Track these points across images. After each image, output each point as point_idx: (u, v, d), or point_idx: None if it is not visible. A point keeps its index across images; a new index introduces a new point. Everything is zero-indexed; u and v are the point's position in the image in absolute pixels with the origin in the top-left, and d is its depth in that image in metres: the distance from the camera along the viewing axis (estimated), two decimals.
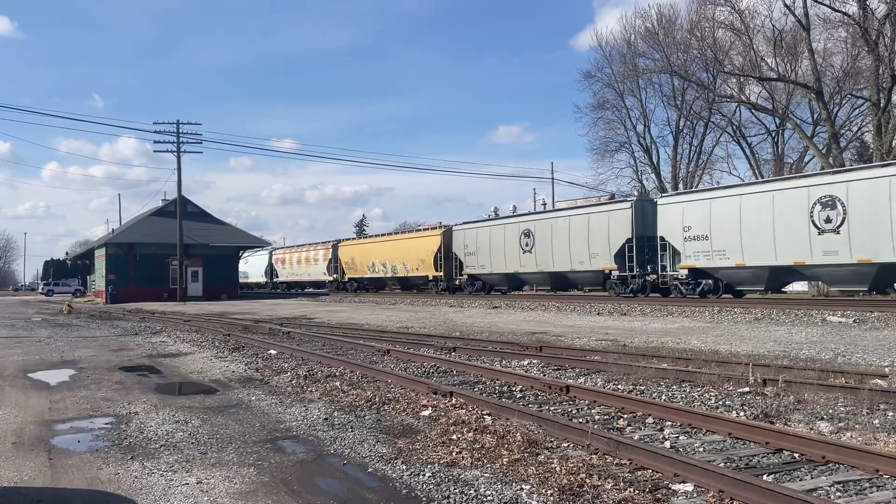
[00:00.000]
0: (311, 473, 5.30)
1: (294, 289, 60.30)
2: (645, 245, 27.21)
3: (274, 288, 63.53)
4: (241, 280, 58.02)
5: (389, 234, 51.25)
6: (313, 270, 55.79)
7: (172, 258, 44.92)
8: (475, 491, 4.69)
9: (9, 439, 6.52)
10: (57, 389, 9.57)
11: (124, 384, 9.86)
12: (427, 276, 41.15)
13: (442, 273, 39.44)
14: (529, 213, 35.61)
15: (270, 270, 63.80)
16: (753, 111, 45.09)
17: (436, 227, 42.14)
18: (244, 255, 61.95)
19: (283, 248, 67.30)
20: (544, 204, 44.03)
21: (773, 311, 19.10)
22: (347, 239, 55.22)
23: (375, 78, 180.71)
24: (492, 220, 36.54)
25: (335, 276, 51.67)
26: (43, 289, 78.95)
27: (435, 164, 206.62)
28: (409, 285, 44.45)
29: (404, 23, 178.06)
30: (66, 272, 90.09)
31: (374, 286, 48.11)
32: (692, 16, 44.82)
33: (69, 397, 8.85)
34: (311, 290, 57.32)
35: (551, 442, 5.83)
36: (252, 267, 66.82)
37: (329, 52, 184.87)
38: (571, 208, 30.98)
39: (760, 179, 26.92)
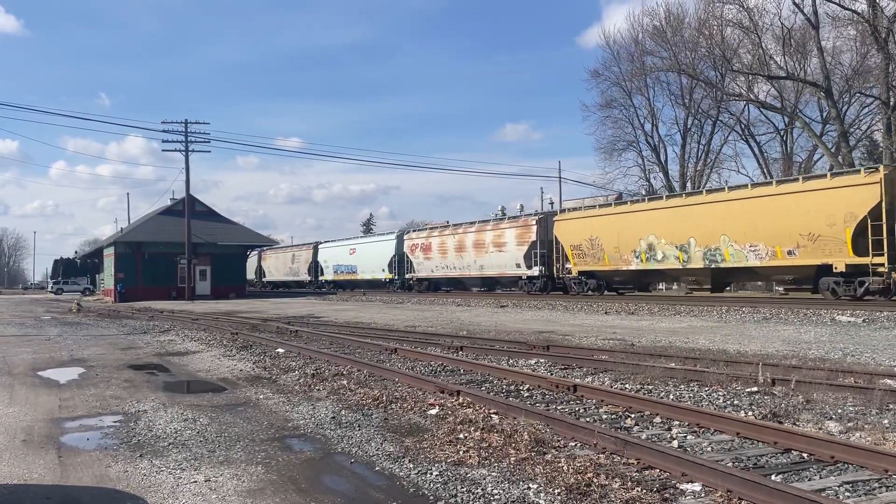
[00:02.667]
0: (318, 472, 5.31)
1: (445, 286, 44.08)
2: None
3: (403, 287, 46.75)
4: (346, 276, 53.20)
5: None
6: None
7: (181, 257, 45.10)
8: (482, 490, 4.69)
9: (19, 437, 6.56)
10: (66, 387, 9.63)
11: (133, 382, 9.90)
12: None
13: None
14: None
15: (400, 263, 46.80)
16: (762, 110, 44.94)
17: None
18: (327, 245, 58.08)
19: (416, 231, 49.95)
20: (552, 203, 44.04)
21: (782, 310, 19.01)
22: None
23: (382, 76, 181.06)
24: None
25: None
26: (52, 287, 79.38)
27: (442, 163, 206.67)
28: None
29: (412, 20, 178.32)
30: (75, 271, 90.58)
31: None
32: (700, 14, 44.70)
33: (78, 395, 8.90)
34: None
35: (559, 441, 5.83)
36: (364, 259, 52.13)
37: (336, 50, 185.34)
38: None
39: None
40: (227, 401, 8.33)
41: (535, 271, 34.45)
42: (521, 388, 8.68)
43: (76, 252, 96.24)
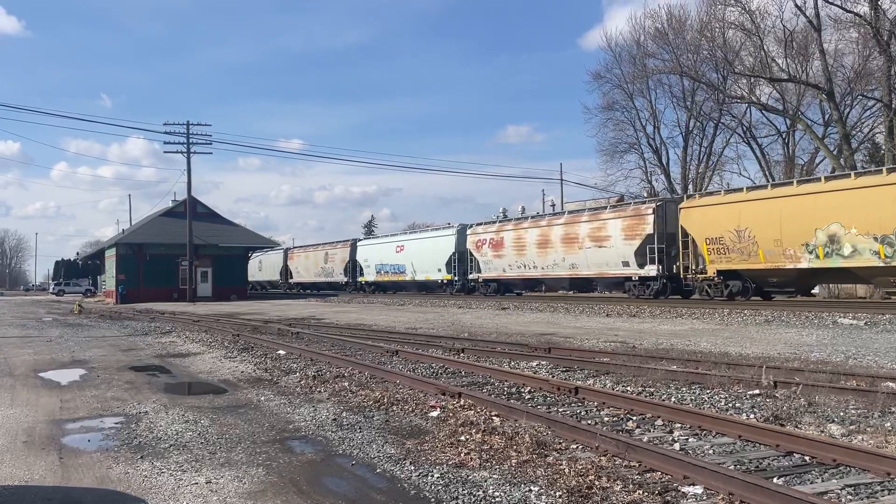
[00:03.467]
0: (319, 474, 5.30)
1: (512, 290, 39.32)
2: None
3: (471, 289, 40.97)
4: (391, 277, 46.74)
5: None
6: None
7: (182, 258, 45.13)
8: (483, 492, 4.68)
9: (20, 438, 6.56)
10: (67, 389, 9.63)
11: (134, 384, 9.90)
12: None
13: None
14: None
15: (461, 261, 40.50)
16: (764, 112, 44.90)
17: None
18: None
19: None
20: (553, 205, 44.00)
21: (784, 312, 18.99)
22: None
23: (384, 78, 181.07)
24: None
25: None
26: (54, 289, 79.47)
27: (443, 165, 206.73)
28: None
29: (413, 22, 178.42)
30: (76, 272, 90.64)
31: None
32: (702, 16, 44.69)
33: (79, 397, 8.90)
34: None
35: (560, 443, 5.82)
36: (415, 257, 44.81)
37: (338, 52, 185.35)
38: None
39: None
40: (229, 402, 8.33)
41: (651, 270, 27.93)
42: (522, 390, 8.67)
43: (78, 253, 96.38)
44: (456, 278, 40.41)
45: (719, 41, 42.33)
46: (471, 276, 39.16)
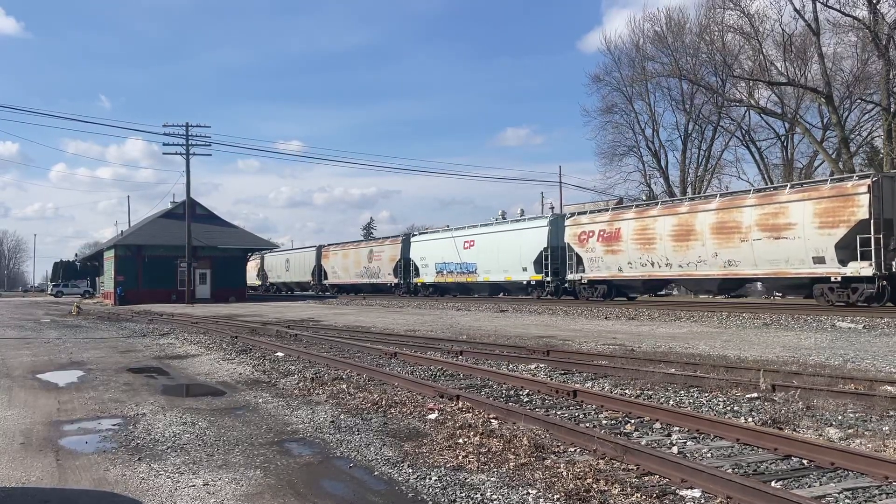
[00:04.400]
0: (317, 476, 5.30)
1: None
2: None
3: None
4: (456, 278, 39.92)
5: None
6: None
7: (181, 260, 45.08)
8: (481, 495, 4.68)
9: (17, 440, 6.55)
10: (65, 390, 9.62)
11: (132, 385, 9.89)
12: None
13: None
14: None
15: (555, 258, 33.64)
16: (763, 115, 45.03)
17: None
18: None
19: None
20: (552, 208, 44.01)
21: (782, 316, 19.00)
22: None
23: (383, 80, 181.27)
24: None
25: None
26: (52, 290, 79.46)
27: (442, 167, 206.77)
28: None
29: (413, 24, 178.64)
30: (75, 273, 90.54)
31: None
32: (701, 19, 44.91)
33: (77, 398, 8.88)
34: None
35: (558, 446, 5.81)
36: (489, 254, 38.11)
37: (338, 54, 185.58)
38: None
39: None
40: (226, 404, 8.32)
41: (866, 268, 20.84)
42: (520, 393, 8.66)
43: (76, 255, 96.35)
44: (548, 279, 33.40)
45: (718, 45, 42.46)
46: (570, 277, 32.00)
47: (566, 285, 33.05)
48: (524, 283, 35.51)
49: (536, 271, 34.24)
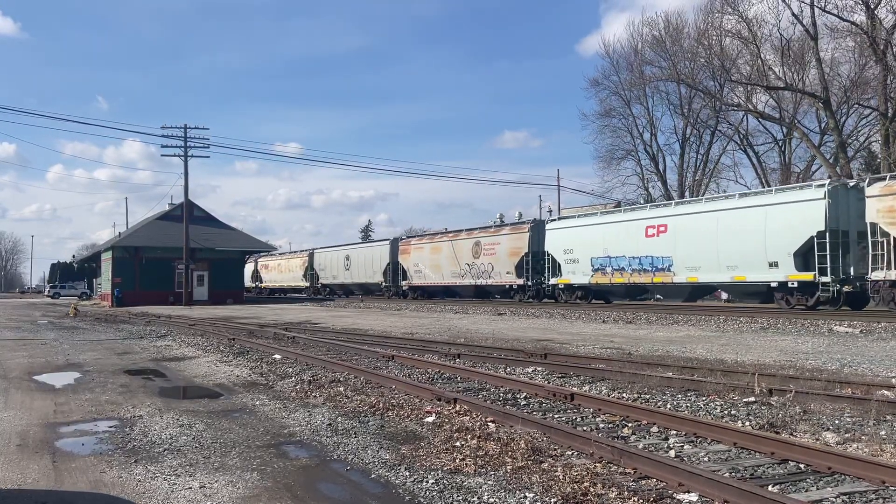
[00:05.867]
0: (314, 479, 5.29)
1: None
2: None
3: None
4: (627, 277, 28.06)
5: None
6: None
7: (178, 262, 45.01)
8: (478, 498, 4.67)
9: (13, 441, 6.53)
10: (62, 392, 9.60)
11: (129, 387, 9.87)
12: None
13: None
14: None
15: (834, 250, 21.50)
16: (760, 120, 45.13)
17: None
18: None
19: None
20: (550, 211, 43.97)
21: (780, 320, 19.02)
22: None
23: (382, 83, 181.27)
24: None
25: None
26: (49, 291, 79.36)
27: (441, 170, 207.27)
28: None
29: (412, 27, 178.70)
30: (72, 275, 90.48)
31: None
32: (700, 24, 45.02)
33: (74, 400, 8.87)
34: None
35: (555, 450, 5.81)
36: (694, 244, 26.11)
37: (337, 57, 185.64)
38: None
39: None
40: (224, 407, 8.30)
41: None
42: (518, 396, 8.66)
43: (74, 256, 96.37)
44: (825, 279, 21.55)
45: (716, 49, 42.53)
46: (876, 276, 20.61)
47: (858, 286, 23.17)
48: (772, 284, 23.55)
49: (800, 267, 22.41)
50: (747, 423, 6.90)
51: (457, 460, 5.54)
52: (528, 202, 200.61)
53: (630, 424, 6.91)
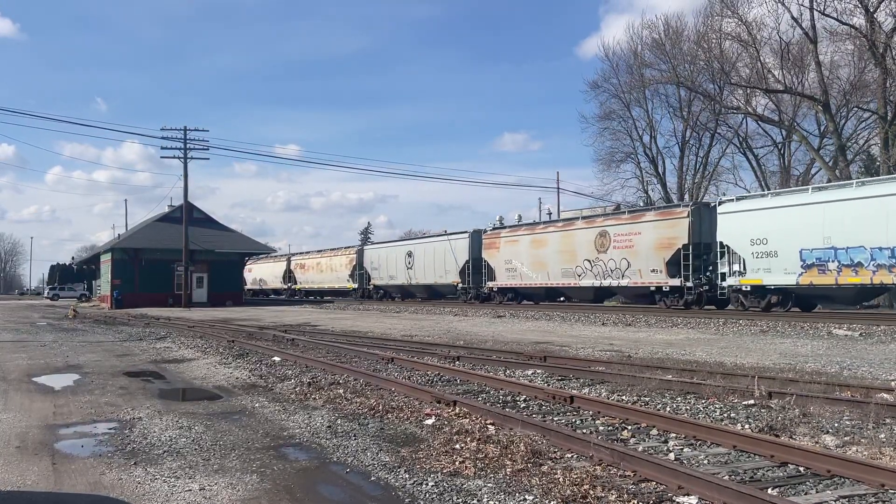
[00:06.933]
0: (314, 481, 5.29)
1: None
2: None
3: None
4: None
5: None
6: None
7: (178, 264, 44.98)
8: (478, 501, 4.67)
9: (13, 443, 6.53)
10: (61, 394, 9.59)
11: (128, 389, 9.87)
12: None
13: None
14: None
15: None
16: (760, 123, 45.17)
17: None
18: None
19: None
20: (549, 213, 43.95)
21: (779, 323, 19.02)
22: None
23: (382, 85, 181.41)
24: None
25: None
26: (48, 293, 79.26)
27: (440, 172, 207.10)
28: None
29: (411, 30, 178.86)
30: (71, 277, 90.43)
31: None
32: (699, 27, 45.11)
33: (73, 402, 8.86)
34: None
35: (555, 452, 5.81)
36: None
37: (337, 59, 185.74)
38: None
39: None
40: (223, 409, 8.30)
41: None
42: (517, 398, 8.66)
43: (73, 258, 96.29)
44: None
45: (716, 52, 42.58)
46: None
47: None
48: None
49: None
50: (747, 426, 6.90)
51: (456, 463, 5.54)
52: (527, 204, 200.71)
53: (629, 427, 6.92)
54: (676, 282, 26.49)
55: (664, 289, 27.14)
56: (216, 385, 10.29)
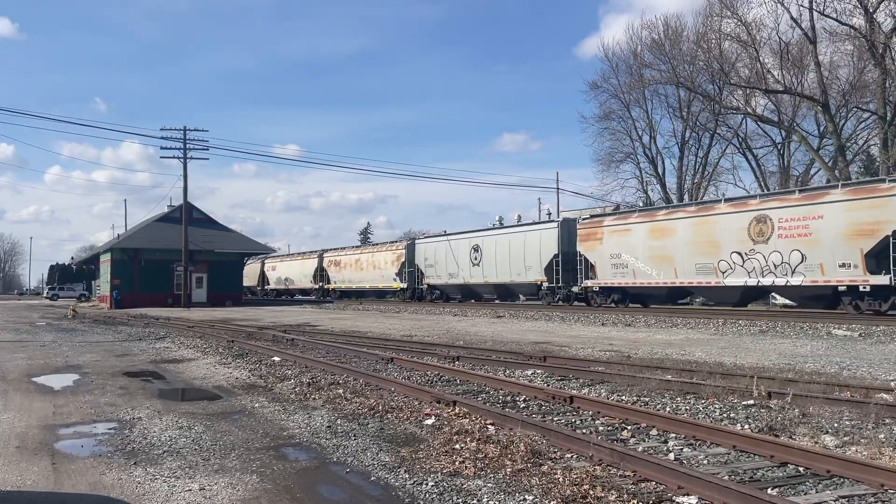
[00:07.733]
0: (313, 481, 5.29)
1: None
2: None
3: None
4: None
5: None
6: None
7: (177, 264, 44.96)
8: (478, 501, 4.67)
9: (13, 443, 6.53)
10: (61, 394, 9.59)
11: (128, 389, 9.87)
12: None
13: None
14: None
15: None
16: (759, 123, 45.19)
17: None
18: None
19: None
20: (549, 213, 43.85)
21: (779, 323, 19.03)
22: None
23: (381, 85, 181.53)
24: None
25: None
26: (48, 293, 79.25)
27: (439, 173, 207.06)
28: None
29: (411, 30, 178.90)
30: (71, 277, 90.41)
31: None
32: (699, 27, 45.11)
33: (73, 402, 8.86)
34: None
35: (555, 452, 5.81)
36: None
37: (337, 59, 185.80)
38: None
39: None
40: (223, 409, 8.30)
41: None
42: (517, 398, 8.66)
43: (72, 258, 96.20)
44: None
45: (715, 52, 42.58)
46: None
47: None
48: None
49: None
50: (746, 426, 6.90)
51: (456, 463, 5.54)
52: (527, 205, 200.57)
53: (629, 427, 6.92)
54: (877, 280, 20.13)
55: (861, 288, 20.74)
56: (216, 385, 10.29)
